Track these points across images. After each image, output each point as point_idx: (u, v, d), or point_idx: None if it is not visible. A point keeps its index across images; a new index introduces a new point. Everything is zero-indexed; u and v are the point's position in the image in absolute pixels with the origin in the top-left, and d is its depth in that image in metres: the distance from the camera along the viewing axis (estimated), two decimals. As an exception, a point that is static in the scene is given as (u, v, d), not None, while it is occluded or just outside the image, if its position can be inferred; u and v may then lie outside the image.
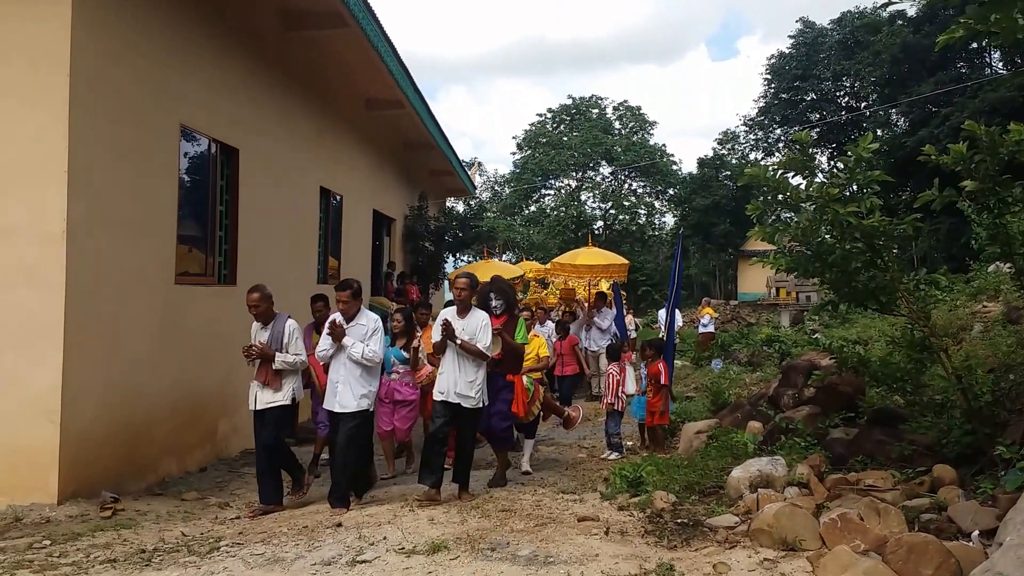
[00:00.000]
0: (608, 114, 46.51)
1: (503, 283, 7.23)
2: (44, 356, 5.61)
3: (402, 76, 11.66)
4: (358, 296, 6.13)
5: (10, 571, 4.44)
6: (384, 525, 5.29)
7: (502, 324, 6.71)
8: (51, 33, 5.74)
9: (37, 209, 5.71)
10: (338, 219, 12.63)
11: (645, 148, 44.41)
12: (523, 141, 46.09)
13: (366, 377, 5.99)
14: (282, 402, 6.07)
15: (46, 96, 5.72)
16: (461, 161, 20.37)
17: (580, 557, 4.46)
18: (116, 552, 4.85)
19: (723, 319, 24.46)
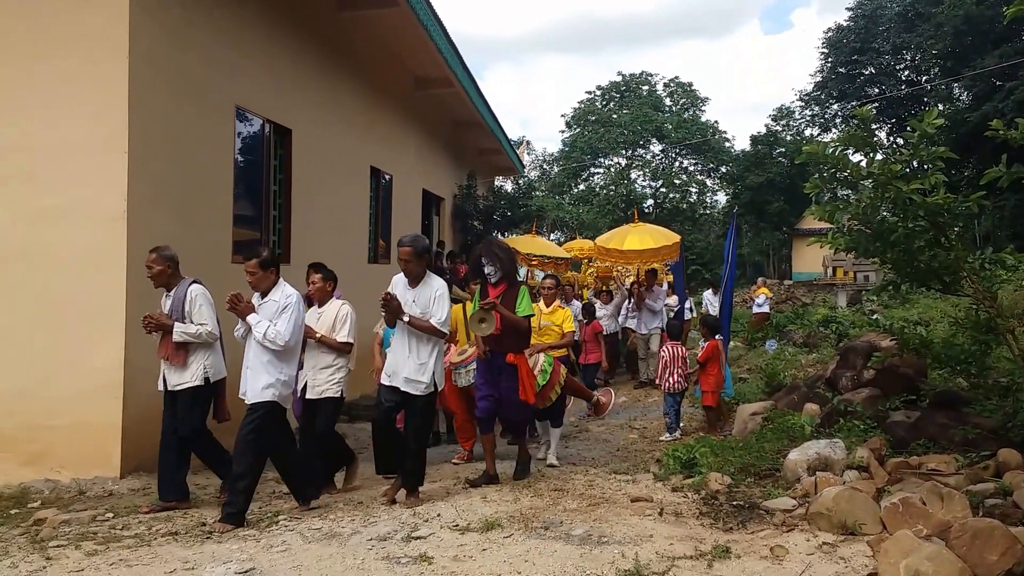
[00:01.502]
0: (659, 91, 45.78)
1: (500, 245, 6.32)
2: (107, 335, 5.78)
3: (451, 54, 11.62)
4: (268, 267, 5.22)
5: (75, 543, 4.61)
6: (438, 503, 5.34)
7: (501, 294, 5.91)
8: (110, 18, 5.85)
9: (99, 191, 5.86)
10: (388, 198, 12.71)
11: (697, 125, 43.62)
12: (572, 119, 45.70)
13: (275, 364, 5.09)
14: (191, 383, 5.30)
15: (106, 80, 5.85)
16: (509, 140, 20.29)
17: (634, 537, 4.43)
18: (177, 525, 4.99)
19: (777, 299, 23.98)
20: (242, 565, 4.10)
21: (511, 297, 5.90)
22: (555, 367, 6.63)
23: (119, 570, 4.09)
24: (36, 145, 5.86)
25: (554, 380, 6.60)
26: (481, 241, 6.30)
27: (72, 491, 5.58)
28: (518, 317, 5.87)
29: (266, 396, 5.05)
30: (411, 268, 5.26)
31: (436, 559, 4.18)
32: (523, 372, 5.93)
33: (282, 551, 4.37)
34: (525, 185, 24.71)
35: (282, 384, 5.11)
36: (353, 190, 11.02)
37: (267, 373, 5.05)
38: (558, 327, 7.24)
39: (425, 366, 5.26)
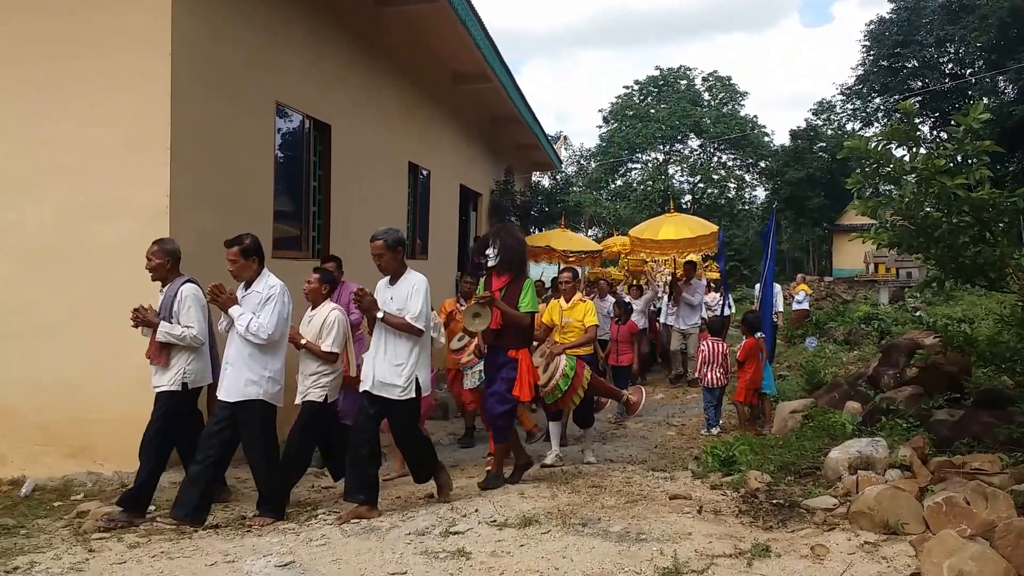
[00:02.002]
0: (697, 85, 45.29)
1: (511, 232, 5.85)
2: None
3: (488, 49, 11.63)
4: (250, 255, 4.93)
5: (117, 535, 4.72)
6: (475, 498, 5.37)
7: (504, 286, 5.55)
8: (153, 16, 5.95)
9: (142, 187, 5.97)
10: (425, 194, 12.77)
11: (735, 120, 43.07)
12: (609, 114, 45.44)
13: (259, 358, 4.83)
14: (167, 387, 4.99)
15: (149, 77, 5.95)
16: (547, 135, 20.25)
17: (673, 535, 4.40)
18: (218, 518, 5.09)
19: (817, 296, 23.57)
20: (282, 558, 4.16)
21: (515, 290, 5.51)
22: (577, 369, 6.26)
23: (160, 562, 4.17)
24: (82, 142, 6.00)
25: (577, 383, 6.23)
26: (495, 227, 5.81)
27: (115, 484, 5.72)
28: (519, 313, 5.49)
29: (251, 394, 4.80)
30: (384, 263, 4.91)
31: (474, 554, 4.20)
32: (523, 368, 5.57)
33: (321, 544, 4.43)
34: (562, 181, 24.66)
35: (268, 380, 4.84)
36: (391, 186, 11.10)
37: (249, 369, 4.80)
38: (580, 323, 6.87)
39: (401, 368, 4.80)
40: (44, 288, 5.78)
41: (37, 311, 5.80)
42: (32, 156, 6.01)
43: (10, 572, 4.01)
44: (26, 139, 6.01)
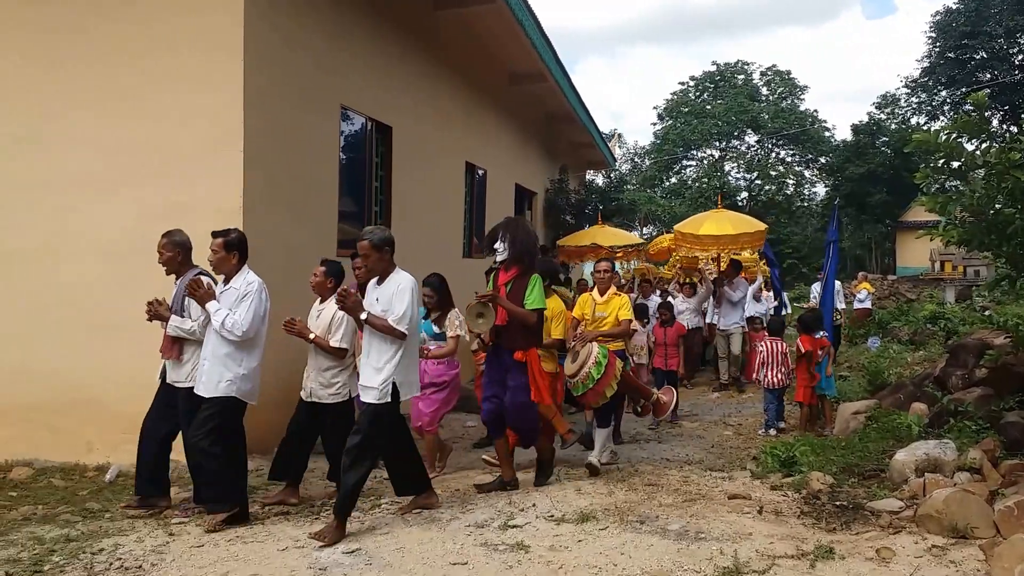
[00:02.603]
0: (755, 80, 44.51)
1: (521, 226, 5.53)
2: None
3: (545, 49, 11.69)
4: (233, 249, 4.82)
5: (195, 520, 4.93)
6: (533, 493, 5.44)
7: (511, 280, 5.30)
8: (226, 20, 6.17)
9: (215, 187, 6.20)
10: (482, 193, 12.89)
11: (795, 114, 42.19)
12: (664, 111, 45.01)
13: (235, 356, 4.71)
14: (184, 383, 4.92)
15: (222, 81, 6.18)
16: (601, 133, 20.20)
17: (732, 535, 4.40)
18: (288, 506, 5.27)
19: (880, 295, 22.95)
20: (348, 545, 4.31)
21: (521, 286, 5.25)
22: (610, 360, 5.96)
23: (236, 546, 4.36)
24: (160, 144, 6.25)
25: (609, 374, 5.93)
26: (505, 220, 5.55)
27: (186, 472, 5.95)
28: (523, 310, 5.23)
29: (222, 391, 4.68)
30: (370, 264, 4.69)
31: (533, 548, 4.27)
32: (534, 369, 5.28)
33: (385, 534, 4.56)
34: (616, 179, 24.53)
35: (242, 378, 4.72)
36: (449, 185, 11.25)
37: (225, 367, 4.68)
38: (614, 318, 6.48)
39: (380, 371, 4.54)
40: (125, 285, 6.06)
41: (119, 307, 6.07)
42: (114, 158, 6.29)
43: (96, 553, 4.24)
44: (109, 142, 6.30)
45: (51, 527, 4.75)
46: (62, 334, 6.42)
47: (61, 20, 6.36)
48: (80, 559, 4.17)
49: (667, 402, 6.69)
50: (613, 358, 6.03)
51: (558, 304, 6.26)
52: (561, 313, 6.25)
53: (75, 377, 6.34)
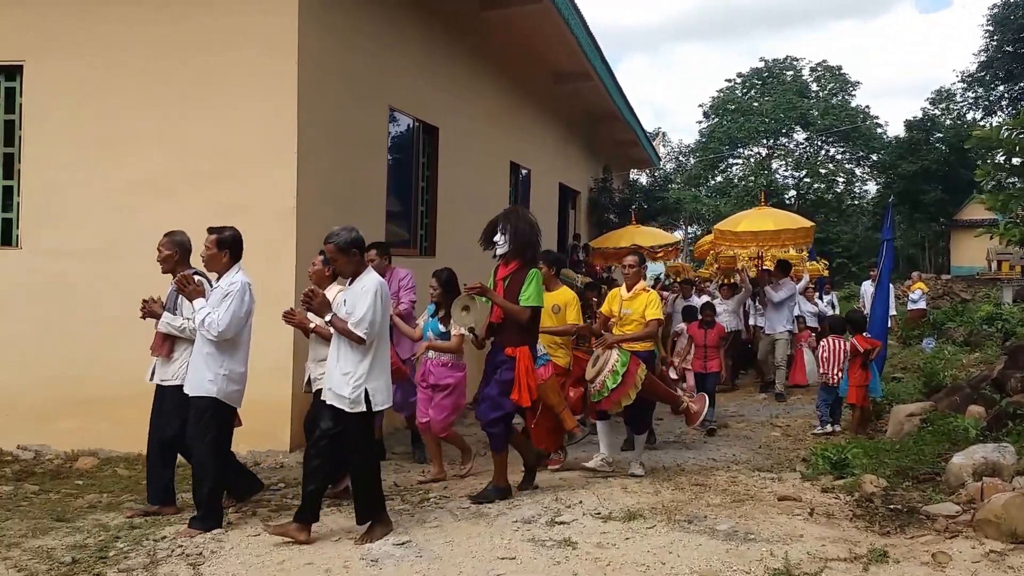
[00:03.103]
0: (804, 76, 43.65)
1: (522, 216, 5.22)
2: (279, 320, 6.25)
3: (590, 48, 11.67)
4: (224, 247, 4.72)
5: (252, 508, 5.09)
6: (579, 490, 5.46)
7: (510, 274, 5.05)
8: (281, 24, 6.32)
9: (271, 187, 6.36)
10: (526, 192, 12.94)
11: (846, 111, 41.28)
12: (710, 109, 44.45)
13: (216, 357, 4.59)
14: (171, 381, 4.87)
15: (277, 83, 6.33)
16: (645, 132, 20.08)
17: (783, 536, 4.37)
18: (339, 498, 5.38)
19: (934, 295, 22.36)
20: (399, 537, 4.39)
21: (518, 280, 4.98)
22: (630, 366, 5.69)
23: (292, 535, 4.47)
24: (219, 145, 6.43)
25: (627, 384, 5.64)
26: (505, 211, 5.25)
27: (248, 463, 6.11)
28: (516, 307, 4.95)
29: (203, 390, 4.59)
30: (338, 267, 4.48)
31: (580, 544, 4.30)
32: (521, 369, 4.99)
33: (435, 527, 4.64)
34: (661, 177, 24.37)
35: (224, 379, 4.60)
36: (493, 185, 11.32)
37: (207, 366, 4.58)
38: (640, 316, 6.11)
39: (349, 377, 4.28)
40: (183, 283, 6.23)
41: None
42: (175, 159, 6.49)
43: (158, 541, 4.40)
44: (170, 143, 6.49)
45: (115, 515, 4.94)
46: (125, 329, 6.62)
47: (125, 23, 6.55)
48: (143, 546, 4.33)
49: (697, 411, 6.26)
50: (634, 364, 5.73)
51: (568, 293, 6.24)
52: (574, 300, 6.21)
53: (138, 370, 6.50)
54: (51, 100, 6.66)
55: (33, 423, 4.61)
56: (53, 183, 6.64)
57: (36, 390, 5.05)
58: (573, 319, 6.13)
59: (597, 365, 5.76)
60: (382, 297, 4.34)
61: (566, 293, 6.25)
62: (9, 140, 6.88)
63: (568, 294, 6.25)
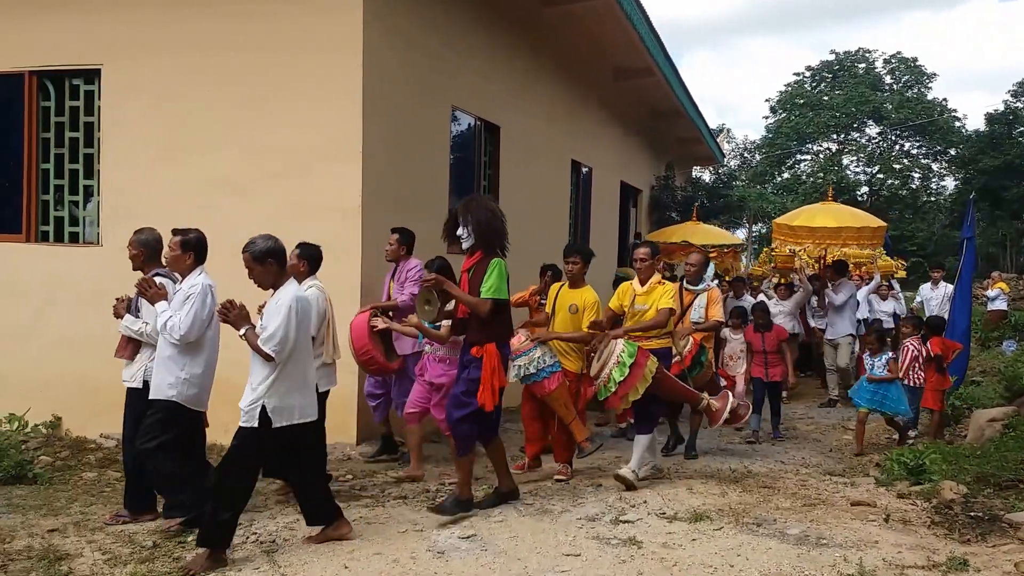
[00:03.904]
0: (877, 68, 42.21)
1: (482, 205, 4.89)
2: (344, 316, 6.37)
3: (653, 43, 11.54)
4: (188, 249, 4.60)
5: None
6: (643, 490, 5.40)
7: (473, 265, 4.75)
8: (346, 24, 6.41)
9: (337, 187, 6.47)
10: (587, 191, 12.87)
11: (921, 104, 39.77)
12: (777, 103, 43.42)
13: (177, 360, 4.50)
14: (131, 383, 4.78)
15: (343, 83, 6.43)
16: (709, 128, 19.74)
17: (857, 542, 4.24)
18: (405, 490, 5.47)
19: (1015, 295, 21.35)
20: (465, 531, 4.43)
21: (480, 271, 4.71)
22: (638, 359, 5.32)
23: (359, 526, 4.57)
24: (288, 146, 6.56)
25: (635, 376, 5.27)
26: (464, 201, 4.96)
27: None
28: (474, 299, 4.66)
29: (162, 394, 4.51)
30: (254, 277, 4.21)
31: (645, 544, 4.26)
32: (487, 370, 4.65)
33: (499, 521, 4.66)
34: (725, 174, 23.92)
35: (183, 383, 4.49)
36: (555, 183, 11.29)
37: (167, 370, 4.51)
38: (652, 308, 5.80)
39: (252, 391, 4.09)
40: (259, 280, 6.40)
41: (248, 298, 6.31)
42: (247, 160, 6.65)
43: (247, 525, 4.53)
44: (243, 144, 6.66)
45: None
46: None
47: (198, 27, 6.75)
48: (218, 533, 4.46)
49: (720, 409, 5.74)
50: (642, 358, 5.36)
51: (591, 295, 5.91)
52: (595, 304, 5.86)
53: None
54: (128, 102, 6.91)
55: (117, 413, 4.82)
56: (131, 183, 6.89)
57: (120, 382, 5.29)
58: (592, 319, 5.75)
59: (602, 358, 5.41)
60: (297, 312, 4.09)
61: (588, 293, 5.89)
62: (89, 142, 7.19)
63: (591, 295, 5.88)
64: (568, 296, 5.93)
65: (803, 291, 10.07)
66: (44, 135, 7.26)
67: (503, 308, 4.77)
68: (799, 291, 10.14)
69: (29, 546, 4.33)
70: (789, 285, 10.54)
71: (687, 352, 6.24)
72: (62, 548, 4.29)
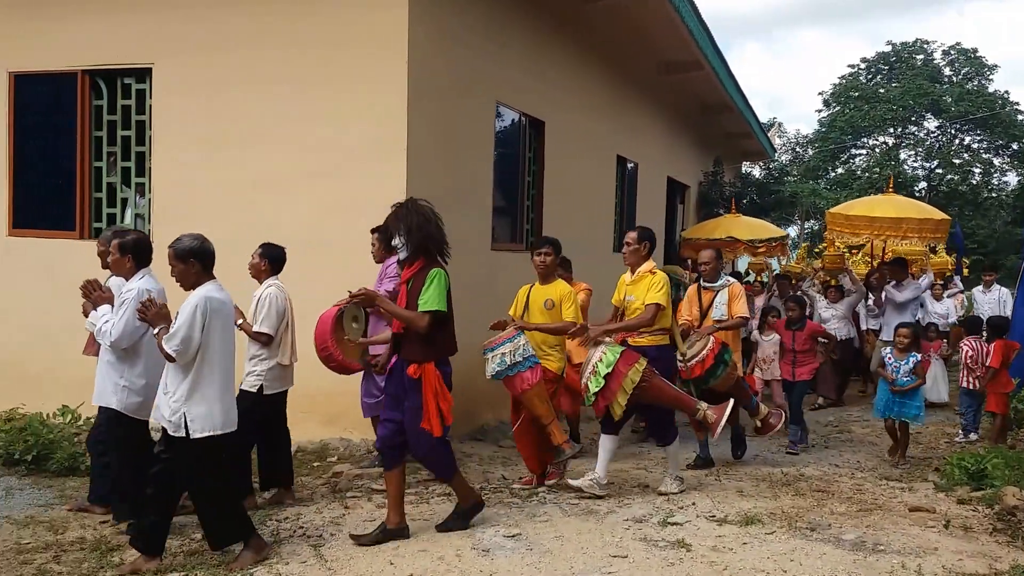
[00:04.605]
0: (936, 60, 40.88)
1: (415, 210, 4.40)
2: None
3: (701, 35, 11.32)
4: (128, 252, 4.45)
5: (367, 495, 5.24)
6: (691, 491, 5.29)
7: (412, 275, 4.32)
8: (391, 21, 6.40)
9: (381, 183, 6.45)
10: (633, 186, 12.72)
11: (982, 96, 38.34)
12: (830, 96, 42.31)
13: (116, 367, 4.38)
14: None
15: (388, 80, 6.42)
16: (760, 122, 19.35)
17: (915, 549, 4.08)
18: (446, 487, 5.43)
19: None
20: (510, 530, 4.38)
21: (419, 282, 4.27)
22: (618, 365, 4.88)
23: (404, 523, 4.55)
24: (333, 142, 6.58)
25: (614, 386, 4.86)
26: (399, 205, 4.49)
27: (362, 450, 6.29)
28: (408, 313, 4.21)
29: (104, 400, 4.43)
30: (175, 275, 4.06)
31: (695, 547, 4.16)
32: (427, 391, 4.21)
33: (544, 521, 4.61)
34: (776, 169, 23.44)
35: (122, 390, 4.37)
36: (600, 179, 11.18)
37: (107, 376, 4.41)
38: (640, 303, 5.37)
39: (170, 398, 3.92)
40: (303, 275, 6.43)
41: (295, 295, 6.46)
42: (293, 156, 6.70)
43: (281, 521, 4.60)
44: (290, 140, 6.71)
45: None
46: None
47: (245, 25, 6.81)
48: (267, 526, 4.52)
49: (716, 419, 5.32)
50: (624, 365, 4.90)
51: (564, 287, 5.48)
52: (570, 294, 5.42)
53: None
54: (177, 100, 7.00)
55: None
56: (180, 180, 6.99)
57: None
58: (571, 316, 5.31)
59: (586, 364, 5.07)
60: (204, 313, 3.88)
61: (561, 287, 5.46)
62: (140, 140, 7.33)
63: (563, 287, 5.46)
64: (540, 292, 5.47)
65: (857, 292, 9.38)
66: (96, 133, 7.42)
67: (443, 322, 4.31)
68: (852, 293, 9.43)
69: (82, 537, 4.42)
70: (839, 287, 9.79)
71: (707, 353, 5.68)
72: (113, 539, 4.37)
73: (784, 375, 7.11)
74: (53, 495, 5.22)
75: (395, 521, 4.32)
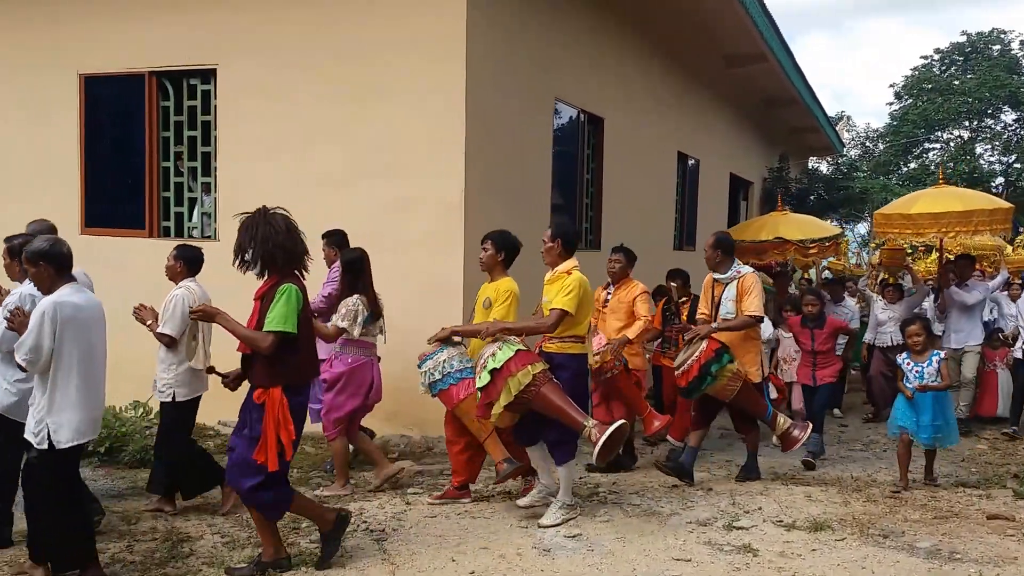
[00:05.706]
0: (1015, 50, 39.07)
1: (264, 220, 3.93)
2: (447, 310, 6.37)
3: (766, 26, 11.03)
4: (15, 256, 4.29)
5: (428, 491, 5.25)
6: (757, 496, 5.15)
7: (265, 292, 3.91)
8: (449, 20, 6.41)
9: (440, 181, 6.49)
10: (694, 183, 12.50)
11: (1063, 87, 36.53)
12: (902, 89, 40.83)
13: (1, 368, 4.22)
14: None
15: (446, 79, 6.43)
16: (827, 116, 18.80)
17: (994, 558, 3.90)
18: (509, 485, 5.40)
19: None
20: (571, 530, 4.34)
21: (268, 298, 3.87)
22: (509, 364, 4.39)
23: (465, 520, 4.59)
24: (391, 141, 6.63)
25: (500, 383, 4.36)
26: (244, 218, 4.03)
27: (422, 447, 6.33)
28: (250, 332, 3.82)
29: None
30: (31, 278, 3.88)
31: (762, 552, 4.05)
32: (268, 420, 3.77)
33: (605, 521, 4.55)
34: (844, 165, 22.75)
35: (3, 392, 4.20)
36: (660, 176, 11.01)
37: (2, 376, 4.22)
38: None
39: (34, 408, 3.73)
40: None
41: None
42: (352, 155, 6.79)
43: (357, 514, 4.64)
44: (351, 141, 6.80)
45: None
46: (310, 318, 7.07)
47: (307, 26, 6.90)
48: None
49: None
50: (515, 365, 4.40)
51: (506, 284, 4.96)
52: (508, 293, 4.89)
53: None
54: (240, 101, 7.15)
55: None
56: (243, 179, 7.11)
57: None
58: (501, 315, 4.83)
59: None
60: (54, 319, 3.64)
61: (504, 284, 4.96)
62: (206, 140, 7.50)
63: (505, 285, 4.94)
64: (485, 290, 5.07)
65: (919, 292, 8.50)
66: (164, 134, 7.62)
67: (291, 343, 3.84)
68: (913, 292, 8.56)
69: (154, 527, 4.55)
70: (898, 286, 8.82)
71: (692, 363, 5.15)
72: (184, 530, 4.49)
73: (803, 379, 6.45)
74: (125, 485, 5.40)
75: (270, 553, 3.92)
